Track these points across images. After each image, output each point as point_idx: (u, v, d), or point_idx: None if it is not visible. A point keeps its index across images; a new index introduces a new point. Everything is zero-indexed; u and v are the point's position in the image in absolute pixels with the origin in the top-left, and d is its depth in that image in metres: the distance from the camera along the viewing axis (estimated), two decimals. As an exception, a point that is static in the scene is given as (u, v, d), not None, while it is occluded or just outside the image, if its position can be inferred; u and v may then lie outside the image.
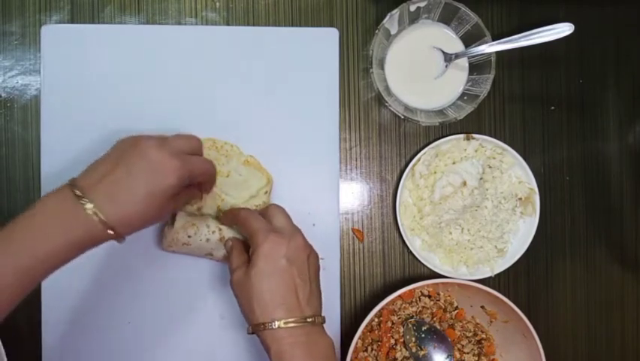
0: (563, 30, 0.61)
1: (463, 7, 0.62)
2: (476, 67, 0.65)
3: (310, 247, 0.57)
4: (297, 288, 0.54)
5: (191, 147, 0.56)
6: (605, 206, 0.70)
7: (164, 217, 0.55)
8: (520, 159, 0.66)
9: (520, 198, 0.68)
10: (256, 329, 0.54)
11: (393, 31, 0.65)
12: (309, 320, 0.54)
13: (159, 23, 0.67)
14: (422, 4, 0.62)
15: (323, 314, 0.56)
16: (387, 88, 0.65)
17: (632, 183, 0.70)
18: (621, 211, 0.70)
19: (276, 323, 0.52)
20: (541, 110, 0.70)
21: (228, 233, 0.61)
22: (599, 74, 0.70)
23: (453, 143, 0.67)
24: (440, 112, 0.65)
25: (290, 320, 0.53)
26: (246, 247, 0.59)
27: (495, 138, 0.66)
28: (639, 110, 0.70)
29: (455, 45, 0.65)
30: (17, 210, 0.64)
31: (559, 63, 0.70)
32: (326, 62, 0.67)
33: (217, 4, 0.67)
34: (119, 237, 0.51)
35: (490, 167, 0.67)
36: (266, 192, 0.64)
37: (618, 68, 0.70)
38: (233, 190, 0.64)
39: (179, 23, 0.67)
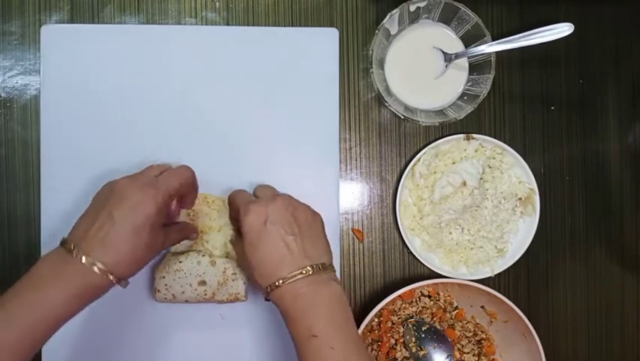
0: (562, 30, 0.61)
1: (463, 7, 0.62)
2: (476, 67, 0.65)
3: (293, 204, 0.58)
4: (287, 245, 0.55)
5: (161, 171, 0.59)
6: (605, 206, 0.70)
7: (156, 249, 0.56)
8: (520, 159, 0.66)
9: (520, 198, 0.68)
10: (266, 295, 0.55)
11: (393, 31, 0.65)
12: (308, 268, 0.54)
13: (159, 23, 0.67)
14: (422, 4, 0.62)
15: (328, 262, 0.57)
16: (387, 88, 0.65)
17: (632, 183, 0.70)
18: (621, 211, 0.70)
19: (276, 282, 0.53)
20: (541, 110, 0.70)
21: (220, 260, 0.62)
22: (599, 74, 0.70)
23: (453, 143, 0.67)
24: (440, 112, 0.65)
25: (288, 275, 0.53)
26: None
27: (495, 138, 0.66)
28: (639, 110, 0.70)
29: (455, 45, 0.65)
30: (17, 210, 0.65)
31: (559, 63, 0.70)
32: (326, 62, 0.66)
33: (217, 4, 0.67)
34: (121, 280, 0.53)
35: (490, 167, 0.67)
36: None
37: (618, 68, 0.70)
38: (223, 244, 0.64)
39: (179, 23, 0.67)
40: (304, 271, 0.54)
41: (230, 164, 0.66)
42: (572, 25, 0.61)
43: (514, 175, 0.67)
